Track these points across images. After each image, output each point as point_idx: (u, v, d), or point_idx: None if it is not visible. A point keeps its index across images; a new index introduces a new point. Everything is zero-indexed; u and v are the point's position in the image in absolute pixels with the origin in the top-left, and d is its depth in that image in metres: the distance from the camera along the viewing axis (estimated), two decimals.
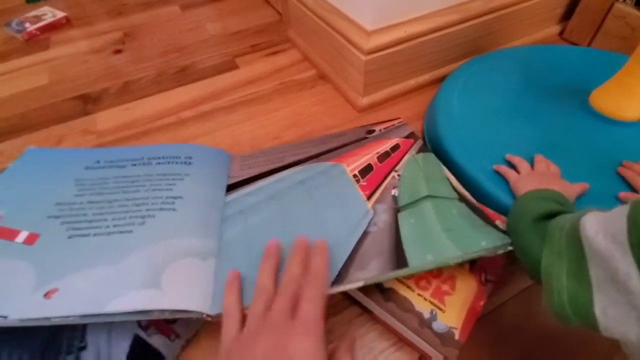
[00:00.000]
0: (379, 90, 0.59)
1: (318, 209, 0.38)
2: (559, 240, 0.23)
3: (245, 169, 0.46)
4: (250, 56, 0.74)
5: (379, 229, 0.35)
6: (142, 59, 0.76)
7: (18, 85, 0.72)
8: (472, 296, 0.32)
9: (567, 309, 0.21)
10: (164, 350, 0.31)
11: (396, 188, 0.39)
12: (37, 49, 0.82)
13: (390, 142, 0.47)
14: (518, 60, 0.58)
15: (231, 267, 0.32)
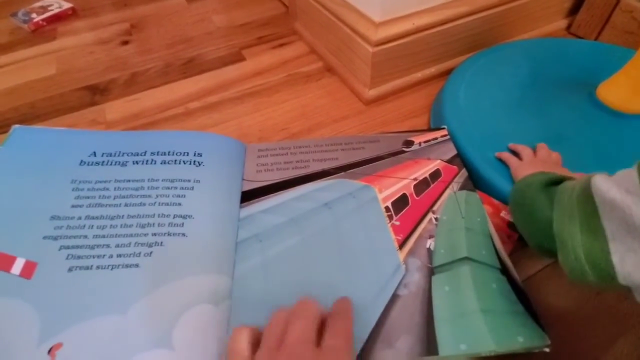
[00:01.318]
0: (385, 83, 0.59)
1: (344, 248, 0.34)
2: (570, 201, 0.24)
3: (262, 170, 0.42)
4: (256, 48, 0.74)
5: (411, 293, 0.30)
6: (149, 51, 0.76)
7: (26, 75, 0.72)
8: None
9: (584, 264, 0.22)
10: None
11: (432, 238, 0.35)
12: (44, 40, 0.82)
13: (430, 165, 0.42)
14: (525, 53, 0.58)
15: (247, 315, 0.29)
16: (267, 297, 0.30)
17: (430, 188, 0.39)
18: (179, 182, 0.39)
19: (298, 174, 0.41)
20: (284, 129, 0.57)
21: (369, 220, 0.36)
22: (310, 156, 0.44)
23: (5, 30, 0.87)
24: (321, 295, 0.27)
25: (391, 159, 0.43)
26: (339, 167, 0.42)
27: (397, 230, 0.35)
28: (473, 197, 0.39)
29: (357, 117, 0.58)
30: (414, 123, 0.56)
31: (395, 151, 0.44)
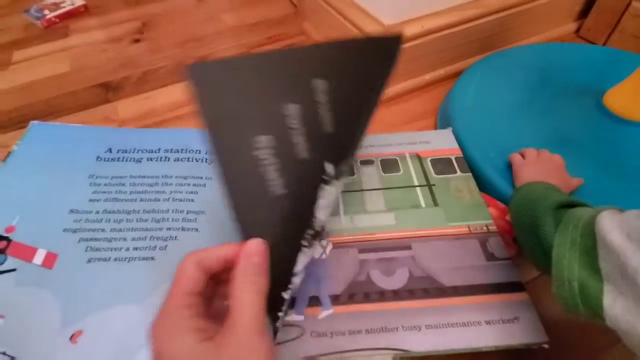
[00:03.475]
0: (393, 85, 0.60)
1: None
2: (574, 230, 0.24)
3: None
4: (266, 47, 0.75)
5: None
6: (161, 49, 0.77)
7: (40, 72, 0.74)
8: None
9: (577, 297, 0.22)
10: None
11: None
12: (57, 37, 0.83)
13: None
14: (534, 57, 0.59)
15: None
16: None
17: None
18: (192, 179, 0.40)
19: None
20: None
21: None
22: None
23: (19, 27, 0.88)
24: None
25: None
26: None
27: None
28: None
29: None
30: (421, 125, 0.57)
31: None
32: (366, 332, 0.30)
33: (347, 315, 0.31)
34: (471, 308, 0.30)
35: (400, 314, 0.30)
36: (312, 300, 0.32)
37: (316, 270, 0.33)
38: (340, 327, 0.30)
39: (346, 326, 0.30)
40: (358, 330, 0.30)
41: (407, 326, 0.30)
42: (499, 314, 0.30)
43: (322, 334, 0.30)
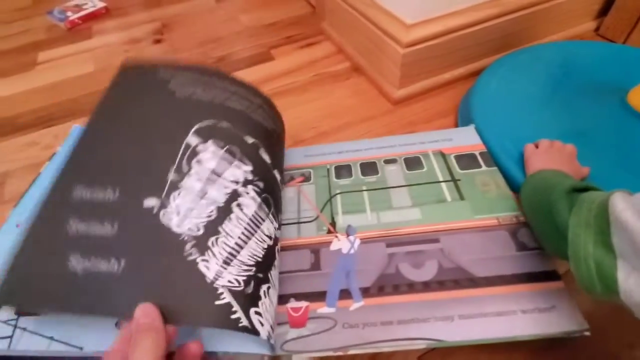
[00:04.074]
0: (413, 83, 0.61)
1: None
2: (588, 212, 0.25)
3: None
4: (285, 48, 0.76)
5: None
6: (181, 49, 0.79)
7: (66, 72, 0.76)
8: None
9: (594, 275, 0.23)
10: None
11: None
12: (81, 38, 0.85)
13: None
14: (557, 54, 0.59)
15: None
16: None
17: None
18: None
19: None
20: (314, 127, 0.59)
21: None
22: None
23: (42, 28, 0.91)
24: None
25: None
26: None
27: None
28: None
29: (385, 117, 0.60)
30: (442, 123, 0.57)
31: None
32: (398, 323, 0.30)
33: (378, 307, 0.31)
34: (505, 298, 0.31)
35: (432, 305, 0.31)
36: (343, 293, 0.32)
37: (345, 265, 0.34)
38: (371, 318, 0.31)
39: (377, 317, 0.31)
40: (389, 322, 0.31)
41: (439, 317, 0.30)
42: (534, 303, 0.30)
43: (353, 325, 0.31)
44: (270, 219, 0.32)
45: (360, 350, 0.30)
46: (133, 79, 0.37)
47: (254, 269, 0.28)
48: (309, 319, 0.31)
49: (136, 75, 0.37)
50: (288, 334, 0.31)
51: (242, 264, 0.27)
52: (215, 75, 0.37)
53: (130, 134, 0.32)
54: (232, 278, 0.26)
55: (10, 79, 0.76)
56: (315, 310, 0.32)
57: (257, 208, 0.31)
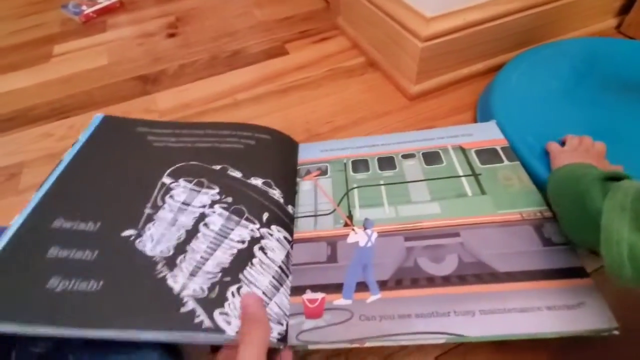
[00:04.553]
0: (431, 79, 0.60)
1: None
2: (624, 197, 0.24)
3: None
4: (299, 42, 0.76)
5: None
6: (195, 43, 0.79)
7: (80, 65, 0.77)
8: None
9: (625, 259, 0.23)
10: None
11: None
12: (95, 31, 0.86)
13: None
14: (580, 50, 0.58)
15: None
16: None
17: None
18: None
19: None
20: (329, 122, 0.58)
21: None
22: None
23: (57, 21, 0.92)
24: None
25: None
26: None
27: None
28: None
29: (401, 113, 0.59)
30: (459, 119, 0.56)
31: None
32: (416, 316, 0.30)
33: (396, 300, 0.31)
34: (529, 294, 0.30)
35: (452, 300, 0.30)
36: (360, 285, 0.32)
37: (362, 258, 0.33)
38: (388, 311, 0.30)
39: (395, 310, 0.30)
40: (407, 315, 0.30)
41: (459, 311, 0.29)
42: (561, 299, 0.29)
43: (370, 317, 0.30)
44: (244, 224, 0.35)
45: (377, 343, 0.29)
46: (113, 129, 0.43)
47: (220, 275, 0.31)
48: (325, 310, 0.31)
49: (118, 127, 0.44)
50: (304, 324, 0.30)
51: (208, 273, 0.31)
52: (186, 127, 0.44)
53: (112, 175, 0.38)
54: (197, 287, 0.31)
55: (26, 72, 0.77)
56: (331, 302, 0.31)
57: (225, 221, 0.35)
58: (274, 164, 0.41)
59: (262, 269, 0.33)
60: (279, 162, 0.42)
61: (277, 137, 0.45)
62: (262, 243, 0.34)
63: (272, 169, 0.40)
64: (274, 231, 0.35)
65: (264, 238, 0.35)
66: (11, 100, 0.70)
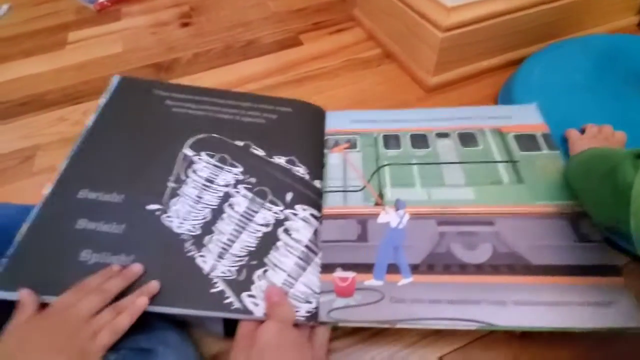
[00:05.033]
0: (449, 70, 0.59)
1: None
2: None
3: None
4: (314, 33, 0.75)
5: None
6: (209, 33, 0.78)
7: (94, 52, 0.76)
8: None
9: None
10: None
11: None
12: (109, 20, 0.86)
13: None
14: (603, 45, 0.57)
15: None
16: None
17: None
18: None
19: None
20: None
21: None
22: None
23: (71, 10, 0.91)
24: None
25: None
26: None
27: None
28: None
29: (418, 105, 0.58)
30: None
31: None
32: (448, 302, 0.29)
33: (428, 285, 0.30)
34: (562, 288, 0.29)
35: (484, 288, 0.29)
36: (391, 267, 0.31)
37: (394, 239, 0.32)
38: (420, 295, 0.30)
39: (426, 295, 0.30)
40: (439, 300, 0.29)
41: (491, 300, 0.29)
42: (592, 296, 0.29)
43: (401, 300, 0.29)
44: (267, 207, 0.35)
45: (407, 326, 0.29)
46: (131, 92, 0.42)
47: (247, 258, 0.32)
48: (356, 289, 0.30)
49: (134, 89, 0.42)
50: (335, 302, 0.30)
51: (234, 256, 0.32)
52: (205, 94, 0.43)
53: (133, 142, 0.37)
54: (225, 269, 0.31)
55: (40, 58, 0.77)
56: (362, 281, 0.31)
57: (249, 203, 0.35)
58: (298, 139, 0.40)
59: (287, 251, 0.33)
60: (303, 136, 0.41)
61: (301, 109, 0.44)
62: (286, 225, 0.34)
63: (296, 145, 0.39)
64: (298, 211, 0.35)
65: (288, 219, 0.34)
66: (25, 85, 0.69)
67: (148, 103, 0.41)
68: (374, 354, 0.33)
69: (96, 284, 0.28)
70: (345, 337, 0.34)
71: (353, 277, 0.31)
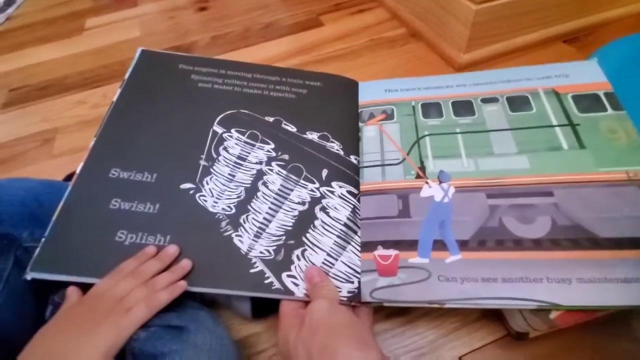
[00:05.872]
0: (482, 47, 0.56)
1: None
2: None
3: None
4: (334, 14, 0.73)
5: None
6: (227, 16, 0.76)
7: (112, 37, 0.75)
8: None
9: None
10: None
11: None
12: (126, 6, 0.85)
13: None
14: None
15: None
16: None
17: None
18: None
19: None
20: None
21: None
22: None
23: None
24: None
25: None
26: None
27: None
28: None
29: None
30: None
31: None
32: (503, 280, 0.26)
33: (479, 262, 0.27)
34: (635, 263, 0.26)
35: (544, 265, 0.27)
36: (437, 244, 0.29)
37: (439, 214, 0.30)
38: (471, 273, 0.27)
39: (478, 273, 0.27)
40: (493, 279, 0.27)
41: (553, 278, 0.26)
42: None
43: (450, 278, 0.27)
44: (303, 184, 0.33)
45: (458, 305, 0.26)
46: (155, 65, 0.40)
47: (284, 237, 0.31)
48: (400, 268, 0.28)
49: (157, 64, 0.40)
50: (378, 281, 0.28)
51: (272, 236, 0.31)
52: (231, 67, 0.41)
53: (160, 119, 0.36)
54: (263, 249, 0.30)
55: (59, 43, 0.76)
56: (405, 259, 0.28)
57: (283, 181, 0.33)
58: (330, 114, 0.38)
59: (325, 230, 0.31)
60: (336, 111, 0.38)
61: (331, 82, 0.41)
62: (323, 203, 0.32)
63: (328, 120, 0.37)
64: (335, 188, 0.33)
65: (325, 197, 0.32)
66: (45, 70, 0.69)
67: (174, 78, 0.39)
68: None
69: (132, 267, 0.27)
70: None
71: (395, 255, 0.29)
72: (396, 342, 0.32)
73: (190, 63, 0.41)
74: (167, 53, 0.42)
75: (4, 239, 0.29)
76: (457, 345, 0.31)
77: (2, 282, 0.28)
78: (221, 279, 0.28)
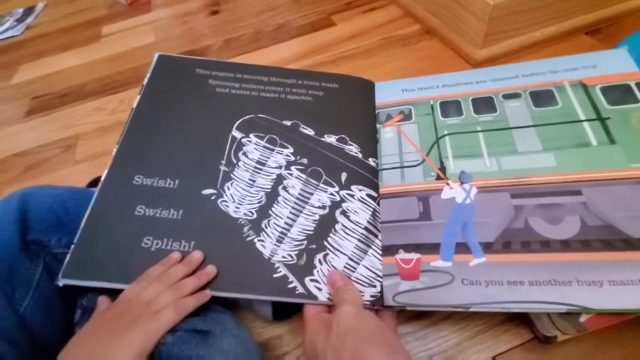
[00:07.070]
0: (499, 42, 0.55)
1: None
2: None
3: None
4: (346, 13, 0.72)
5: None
6: (239, 19, 0.77)
7: (127, 43, 0.77)
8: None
9: None
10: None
11: None
12: (141, 12, 0.86)
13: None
14: None
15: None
16: None
17: None
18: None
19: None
20: None
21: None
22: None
23: (104, 5, 0.92)
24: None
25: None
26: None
27: None
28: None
29: None
30: None
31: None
32: (530, 284, 0.26)
33: (504, 265, 0.27)
34: None
35: (574, 267, 0.26)
36: (460, 247, 0.28)
37: (461, 216, 0.29)
38: (496, 276, 0.26)
39: (503, 276, 0.26)
40: (519, 282, 0.26)
41: (583, 280, 0.25)
42: None
43: (474, 282, 0.26)
44: (322, 188, 0.33)
45: (483, 309, 0.26)
46: (172, 71, 0.40)
47: (305, 242, 0.31)
48: (422, 272, 0.28)
49: (174, 68, 0.41)
50: (400, 285, 0.27)
51: (293, 240, 0.31)
52: (247, 71, 0.41)
53: (180, 125, 0.36)
54: (286, 254, 0.30)
55: (77, 51, 0.78)
56: (428, 263, 0.28)
57: (303, 185, 0.33)
58: (347, 116, 0.38)
59: (346, 233, 0.31)
60: (353, 113, 0.38)
61: (347, 83, 0.41)
62: (343, 207, 0.32)
63: (346, 122, 0.37)
64: (354, 191, 0.32)
65: (345, 201, 0.32)
66: (64, 78, 0.71)
67: (191, 84, 0.40)
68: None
69: (158, 272, 0.28)
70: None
71: (417, 258, 0.28)
72: (420, 345, 0.31)
73: (207, 67, 0.41)
74: (184, 57, 0.43)
75: (34, 245, 0.30)
76: (482, 349, 0.31)
77: (33, 287, 0.29)
78: (245, 284, 0.29)
